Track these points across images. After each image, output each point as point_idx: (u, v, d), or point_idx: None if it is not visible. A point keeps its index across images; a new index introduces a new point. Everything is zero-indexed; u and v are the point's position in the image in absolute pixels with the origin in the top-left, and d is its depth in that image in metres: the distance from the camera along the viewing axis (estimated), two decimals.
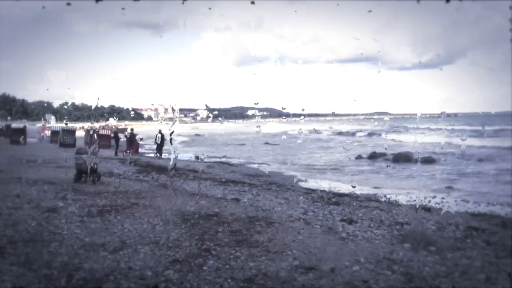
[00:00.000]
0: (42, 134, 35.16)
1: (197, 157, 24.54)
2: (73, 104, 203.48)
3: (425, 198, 13.07)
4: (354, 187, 14.67)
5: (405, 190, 14.86)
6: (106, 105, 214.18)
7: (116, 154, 23.74)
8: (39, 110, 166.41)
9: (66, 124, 32.62)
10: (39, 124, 62.05)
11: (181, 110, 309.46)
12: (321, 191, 13.52)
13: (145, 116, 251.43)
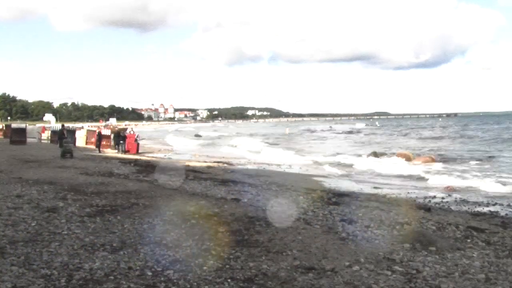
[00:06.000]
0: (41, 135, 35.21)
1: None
2: (73, 104, 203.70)
3: (425, 198, 13.07)
4: None
5: (405, 190, 14.85)
6: (106, 105, 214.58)
7: (99, 151, 26.28)
8: (39, 110, 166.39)
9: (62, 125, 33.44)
10: (39, 124, 62.11)
11: (180, 110, 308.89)
12: (321, 191, 13.51)
13: (145, 116, 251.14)
